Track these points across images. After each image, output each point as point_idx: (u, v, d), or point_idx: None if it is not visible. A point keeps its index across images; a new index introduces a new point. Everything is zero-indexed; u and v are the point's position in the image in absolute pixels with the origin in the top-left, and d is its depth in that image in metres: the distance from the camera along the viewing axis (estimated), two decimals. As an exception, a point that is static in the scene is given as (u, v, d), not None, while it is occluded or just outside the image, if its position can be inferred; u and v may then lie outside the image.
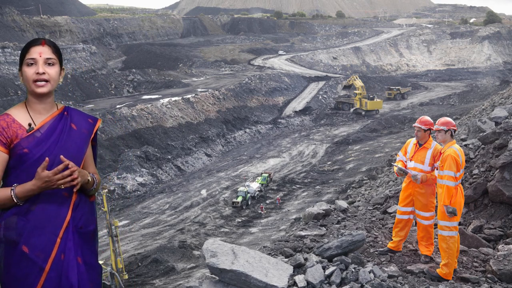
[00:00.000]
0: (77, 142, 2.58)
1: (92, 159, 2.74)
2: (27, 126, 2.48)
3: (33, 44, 2.50)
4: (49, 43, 2.53)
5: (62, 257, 2.41)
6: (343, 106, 57.21)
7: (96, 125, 2.73)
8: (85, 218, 2.58)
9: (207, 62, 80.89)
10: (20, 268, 2.37)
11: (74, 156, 2.52)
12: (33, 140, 2.45)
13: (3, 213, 2.42)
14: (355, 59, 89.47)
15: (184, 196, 31.51)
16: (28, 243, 2.36)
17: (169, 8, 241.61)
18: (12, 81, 47.12)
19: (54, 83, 2.52)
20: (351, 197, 21.62)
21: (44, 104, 2.55)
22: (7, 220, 2.40)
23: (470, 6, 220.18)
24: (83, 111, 2.78)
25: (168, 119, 43.19)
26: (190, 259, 21.70)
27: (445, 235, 5.30)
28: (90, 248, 2.61)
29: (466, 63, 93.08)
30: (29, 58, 2.47)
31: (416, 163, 5.77)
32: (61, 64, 2.59)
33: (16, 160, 2.43)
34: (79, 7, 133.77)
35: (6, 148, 2.42)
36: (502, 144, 7.95)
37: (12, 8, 73.09)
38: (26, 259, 2.36)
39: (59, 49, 2.58)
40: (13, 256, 2.38)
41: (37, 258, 2.37)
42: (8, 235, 2.38)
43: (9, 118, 2.48)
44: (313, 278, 4.57)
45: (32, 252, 2.37)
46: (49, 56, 2.49)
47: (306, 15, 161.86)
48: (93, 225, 2.65)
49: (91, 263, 2.59)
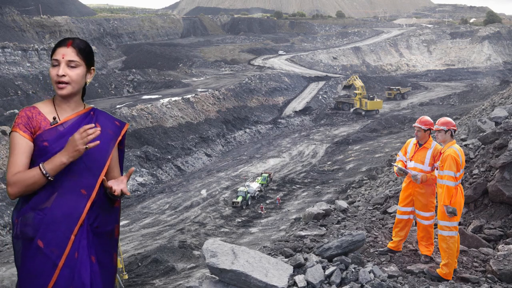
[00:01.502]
0: (101, 142, 2.56)
1: (117, 162, 2.72)
2: (52, 120, 2.51)
3: (60, 44, 2.51)
4: (76, 44, 2.52)
5: (76, 255, 2.42)
6: (343, 106, 57.19)
7: (123, 129, 2.72)
8: (102, 217, 2.57)
9: (207, 62, 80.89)
10: (35, 263, 2.38)
11: (96, 156, 2.53)
12: (55, 134, 2.47)
13: (21, 209, 2.45)
14: (355, 59, 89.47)
15: (184, 196, 31.51)
16: (43, 238, 2.38)
17: (169, 8, 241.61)
18: (12, 81, 47.15)
19: (76, 85, 2.52)
20: (351, 197, 21.61)
21: (69, 103, 2.58)
22: (24, 217, 2.42)
23: (470, 6, 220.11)
24: (111, 114, 2.78)
25: (168, 119, 43.19)
26: (190, 259, 21.69)
27: (445, 235, 5.31)
28: (105, 248, 2.60)
29: (466, 63, 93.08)
30: (53, 59, 2.49)
31: (416, 163, 5.77)
32: (90, 64, 2.58)
33: (37, 153, 2.45)
34: (79, 7, 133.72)
35: (31, 137, 2.45)
36: (502, 144, 7.95)
37: (12, 8, 73.06)
38: (41, 254, 2.38)
39: (87, 49, 2.56)
40: (29, 250, 2.40)
41: (51, 253, 2.38)
42: (25, 232, 2.40)
43: (35, 110, 2.51)
44: (313, 278, 4.57)
45: (47, 247, 2.38)
46: (71, 59, 2.48)
47: (306, 15, 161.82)
48: (111, 225, 2.64)
49: (105, 263, 2.59)
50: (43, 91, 49.00)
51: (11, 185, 2.34)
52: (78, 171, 2.48)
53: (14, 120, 2.47)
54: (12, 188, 2.34)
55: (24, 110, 2.49)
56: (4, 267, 21.01)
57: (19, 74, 49.67)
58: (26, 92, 46.65)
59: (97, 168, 2.53)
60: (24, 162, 2.40)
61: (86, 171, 2.50)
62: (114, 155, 2.67)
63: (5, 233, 25.45)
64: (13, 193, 2.36)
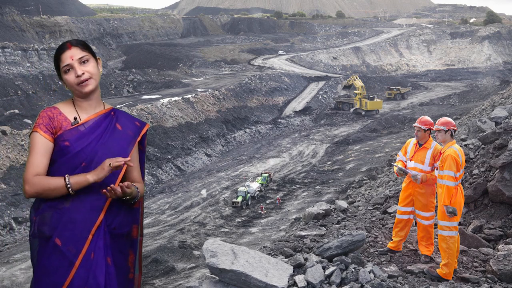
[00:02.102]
0: (120, 143, 2.60)
1: (137, 163, 2.73)
2: (73, 120, 2.53)
3: (62, 51, 2.53)
4: (76, 43, 2.55)
5: (92, 256, 2.43)
6: (343, 106, 57.17)
7: (143, 129, 2.74)
8: (120, 219, 2.58)
9: (207, 62, 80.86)
10: (51, 260, 2.39)
11: (116, 155, 2.54)
12: (76, 134, 2.50)
13: (39, 207, 2.46)
14: (355, 59, 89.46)
15: (184, 196, 31.51)
16: (61, 236, 2.39)
17: (169, 8, 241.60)
18: (12, 81, 47.13)
19: (97, 77, 2.57)
20: (351, 197, 21.60)
21: (90, 101, 2.59)
22: (42, 215, 2.43)
23: (470, 6, 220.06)
24: (131, 115, 2.80)
25: (168, 119, 43.19)
26: (190, 259, 21.69)
27: (445, 235, 5.31)
28: (122, 249, 2.60)
29: (466, 63, 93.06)
30: (64, 66, 2.50)
31: (416, 163, 5.77)
32: (95, 55, 2.62)
33: (58, 152, 2.48)
34: (79, 7, 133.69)
35: (52, 138, 2.47)
36: (502, 144, 7.95)
37: (12, 8, 73.03)
38: (58, 251, 2.39)
39: (87, 44, 2.61)
40: (45, 248, 2.41)
41: (68, 252, 2.39)
42: (42, 230, 2.42)
43: (56, 110, 2.54)
44: (313, 278, 4.57)
45: (64, 245, 2.39)
46: (80, 56, 2.52)
47: (306, 15, 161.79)
48: (128, 227, 2.64)
49: (121, 264, 2.59)
50: (43, 91, 48.99)
51: (29, 185, 2.37)
52: None
53: (35, 120, 2.51)
54: (30, 188, 2.37)
55: (45, 111, 2.52)
56: (4, 267, 21.01)
57: (19, 74, 49.66)
58: (26, 92, 46.63)
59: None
60: (44, 163, 2.43)
61: None
62: (133, 156, 2.68)
63: (5, 233, 25.44)
64: (30, 193, 2.38)
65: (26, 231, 25.81)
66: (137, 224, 2.73)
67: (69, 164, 2.46)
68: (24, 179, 2.39)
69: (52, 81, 50.55)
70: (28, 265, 21.26)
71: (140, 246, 2.80)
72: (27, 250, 22.97)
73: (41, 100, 46.79)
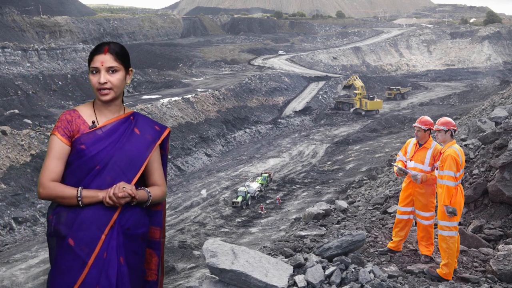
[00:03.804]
0: (138, 147, 2.60)
1: (158, 166, 2.73)
2: (91, 123, 2.54)
3: (97, 52, 2.53)
4: (112, 50, 2.54)
5: (104, 255, 2.45)
6: (343, 106, 57.17)
7: (164, 133, 2.74)
8: (134, 220, 2.58)
9: (207, 62, 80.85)
10: (65, 260, 2.42)
11: (133, 160, 2.56)
12: (93, 137, 2.51)
13: (56, 207, 2.49)
14: (355, 59, 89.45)
15: (184, 196, 31.51)
16: (75, 236, 2.42)
17: (169, 8, 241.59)
18: (12, 81, 47.12)
19: (118, 89, 2.56)
20: (351, 197, 21.59)
21: (110, 107, 2.61)
22: (58, 215, 2.46)
23: (470, 6, 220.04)
24: (152, 119, 2.81)
25: (168, 119, 43.19)
26: (190, 259, 21.69)
27: (445, 235, 5.31)
28: (136, 250, 2.60)
29: (466, 63, 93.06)
30: (92, 67, 2.52)
31: (416, 163, 5.77)
32: (128, 66, 2.62)
33: (74, 155, 2.50)
34: (79, 7, 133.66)
35: (69, 141, 2.50)
36: (502, 144, 7.95)
37: (12, 8, 73.00)
38: (71, 251, 2.42)
39: (123, 52, 2.59)
40: (60, 248, 2.44)
41: (81, 251, 2.42)
42: (59, 230, 2.45)
43: (75, 113, 2.55)
44: (313, 278, 4.57)
45: (77, 245, 2.42)
46: (111, 65, 2.52)
47: (306, 15, 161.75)
48: (144, 228, 2.64)
49: (134, 264, 2.59)
50: (43, 91, 48.99)
51: (44, 188, 2.42)
52: (113, 175, 2.52)
53: (55, 123, 2.54)
54: (44, 191, 2.42)
55: (64, 114, 2.55)
56: (4, 267, 21.01)
57: (19, 74, 49.64)
58: (26, 92, 46.62)
59: (132, 173, 2.57)
60: (59, 168, 2.47)
61: (121, 174, 2.53)
62: (153, 159, 2.68)
63: (5, 233, 25.44)
64: (43, 196, 2.44)
65: (26, 231, 25.84)
66: (159, 226, 2.78)
67: (84, 167, 2.49)
68: (40, 182, 2.44)
69: (52, 81, 50.58)
70: (28, 265, 21.27)
71: (162, 248, 2.83)
72: (27, 250, 22.98)
73: (41, 100, 46.79)
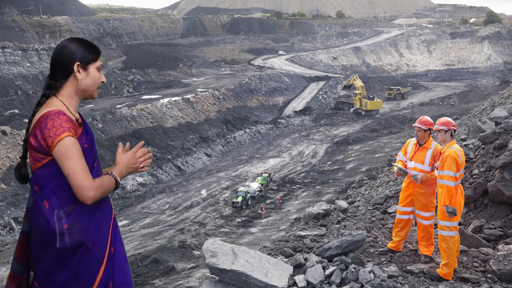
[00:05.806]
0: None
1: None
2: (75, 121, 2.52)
3: (99, 51, 2.64)
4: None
5: (112, 251, 2.53)
6: (343, 106, 57.17)
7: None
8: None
9: (207, 62, 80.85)
10: (81, 264, 2.42)
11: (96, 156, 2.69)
12: (84, 134, 2.54)
13: (69, 214, 2.39)
14: (355, 59, 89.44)
15: (184, 196, 31.50)
16: (91, 238, 2.44)
17: (169, 8, 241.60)
18: (12, 81, 47.13)
19: None
20: (351, 197, 21.59)
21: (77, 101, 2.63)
22: (72, 222, 2.38)
23: (470, 6, 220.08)
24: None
25: (168, 119, 43.19)
26: (190, 259, 21.68)
27: (445, 235, 5.31)
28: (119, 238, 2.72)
29: (466, 63, 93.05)
30: (99, 65, 2.62)
31: (416, 163, 5.77)
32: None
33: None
34: (79, 7, 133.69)
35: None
36: (502, 144, 7.95)
37: (12, 8, 73.04)
38: (89, 254, 2.43)
39: None
40: (77, 253, 2.39)
41: (98, 252, 2.46)
42: (78, 238, 2.39)
43: (65, 113, 2.45)
44: (313, 278, 4.57)
45: (95, 247, 2.45)
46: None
47: (306, 15, 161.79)
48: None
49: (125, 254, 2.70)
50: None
51: (94, 190, 2.35)
52: (100, 170, 2.62)
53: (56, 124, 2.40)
54: (95, 192, 2.35)
55: (61, 114, 2.40)
56: (4, 267, 21.00)
57: (19, 74, 49.67)
58: (26, 92, 46.63)
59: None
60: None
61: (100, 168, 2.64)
62: None
63: (5, 233, 25.44)
64: (96, 198, 2.37)
65: (26, 231, 25.80)
66: None
67: (89, 165, 2.46)
68: (85, 186, 2.33)
69: (52, 81, 50.50)
70: (28, 265, 21.22)
71: None
72: (27, 250, 22.93)
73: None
